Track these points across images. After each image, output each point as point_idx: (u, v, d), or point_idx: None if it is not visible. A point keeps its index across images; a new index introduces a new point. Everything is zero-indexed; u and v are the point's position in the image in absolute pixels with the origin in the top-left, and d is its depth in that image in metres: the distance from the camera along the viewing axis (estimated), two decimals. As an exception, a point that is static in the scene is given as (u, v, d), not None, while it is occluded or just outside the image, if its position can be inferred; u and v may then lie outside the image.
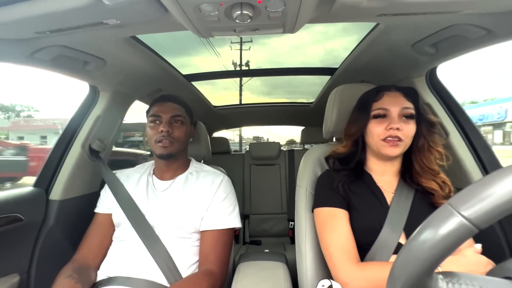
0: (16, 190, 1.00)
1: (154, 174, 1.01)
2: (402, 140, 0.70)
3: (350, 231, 0.70)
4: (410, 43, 0.84)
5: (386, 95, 0.75)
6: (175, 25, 0.68)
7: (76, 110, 1.14)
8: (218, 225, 0.90)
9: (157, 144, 0.92)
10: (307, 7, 0.57)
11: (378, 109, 0.74)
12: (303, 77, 1.86)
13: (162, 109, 0.95)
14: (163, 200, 0.92)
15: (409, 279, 0.29)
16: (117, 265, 0.84)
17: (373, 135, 0.74)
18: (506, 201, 0.26)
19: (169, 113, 0.94)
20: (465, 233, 0.27)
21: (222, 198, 0.94)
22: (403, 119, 0.72)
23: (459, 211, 0.27)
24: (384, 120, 0.73)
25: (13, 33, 0.67)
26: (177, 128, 0.95)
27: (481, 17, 0.65)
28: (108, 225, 0.95)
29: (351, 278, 0.63)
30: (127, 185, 0.97)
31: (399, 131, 0.70)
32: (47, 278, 0.84)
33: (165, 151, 0.92)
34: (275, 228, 2.19)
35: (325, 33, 2.94)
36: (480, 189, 0.27)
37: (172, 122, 0.94)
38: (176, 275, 0.82)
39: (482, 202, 0.26)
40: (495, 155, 0.92)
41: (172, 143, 0.93)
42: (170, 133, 0.92)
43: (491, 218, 0.26)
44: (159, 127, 0.92)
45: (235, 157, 2.46)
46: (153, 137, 0.92)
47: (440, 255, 0.28)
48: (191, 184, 0.95)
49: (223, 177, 0.99)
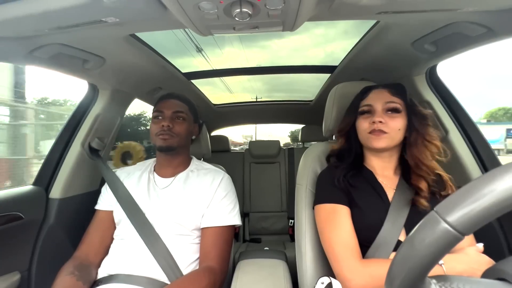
0: (16, 188, 1.00)
1: (155, 171, 1.02)
2: (386, 133, 0.73)
3: (352, 227, 0.70)
4: (410, 41, 0.84)
5: (372, 93, 0.79)
6: (174, 23, 0.68)
7: (75, 109, 1.14)
8: (218, 222, 0.90)
9: (157, 137, 0.94)
10: (306, 4, 0.57)
11: (364, 106, 0.78)
12: (303, 78, 1.85)
13: (165, 105, 0.98)
14: (164, 197, 0.93)
15: (403, 284, 0.30)
16: (118, 262, 0.85)
17: (360, 131, 0.78)
18: (489, 207, 0.26)
19: (172, 109, 0.97)
20: (451, 240, 0.27)
21: (223, 196, 0.95)
22: (388, 113, 0.74)
23: (445, 218, 0.27)
24: (369, 116, 0.76)
25: (11, 31, 0.67)
26: (179, 123, 0.97)
27: (481, 14, 0.65)
28: (109, 222, 0.95)
29: (354, 274, 0.64)
30: (128, 182, 0.98)
31: (382, 124, 0.73)
32: (48, 276, 0.84)
33: (164, 143, 0.94)
34: (275, 226, 2.20)
35: (326, 36, 2.99)
36: (463, 196, 0.28)
37: (174, 118, 0.97)
38: (176, 272, 0.83)
39: (466, 209, 0.27)
40: (494, 153, 0.93)
41: (172, 137, 0.95)
42: (170, 128, 0.94)
43: (475, 224, 0.27)
44: (161, 122, 0.95)
45: (235, 155, 2.46)
46: (154, 131, 0.95)
47: (429, 262, 0.29)
48: (192, 182, 0.96)
49: (224, 175, 1.01)
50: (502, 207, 0.26)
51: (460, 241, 0.27)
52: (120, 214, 0.92)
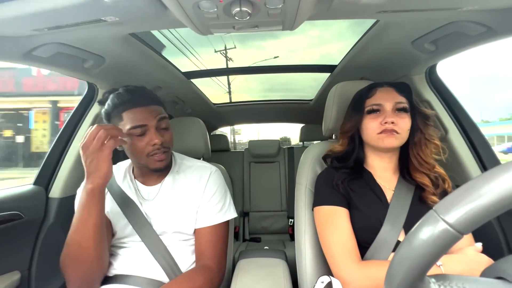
0: (16, 188, 1.00)
1: (136, 178, 0.90)
2: (398, 133, 0.71)
3: (351, 230, 0.71)
4: (410, 40, 0.84)
5: (379, 91, 0.76)
6: (174, 22, 0.68)
7: (75, 108, 1.14)
8: (211, 222, 0.86)
9: (150, 158, 0.80)
10: (306, 4, 0.57)
11: (372, 104, 0.75)
12: (299, 78, 1.85)
13: (147, 116, 0.79)
14: (155, 210, 0.85)
15: (402, 283, 0.30)
16: (116, 263, 0.84)
17: (368, 131, 0.75)
18: (488, 206, 0.26)
19: (154, 119, 0.80)
20: (450, 239, 0.27)
21: (212, 194, 0.88)
22: (397, 113, 0.72)
23: (443, 218, 0.27)
24: (378, 115, 0.73)
25: (10, 30, 0.67)
26: (167, 133, 0.84)
27: (481, 14, 0.65)
28: (105, 226, 0.84)
29: (353, 277, 0.64)
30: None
31: (394, 125, 0.70)
32: (48, 275, 0.84)
33: (163, 164, 0.82)
34: (274, 225, 2.20)
35: (320, 37, 2.98)
36: (462, 195, 0.28)
37: (159, 128, 0.81)
38: (176, 272, 0.82)
39: (464, 208, 0.27)
40: (493, 152, 0.93)
41: (167, 153, 0.83)
42: (162, 144, 0.80)
43: (473, 224, 0.27)
44: (146, 138, 0.78)
45: (234, 155, 2.46)
46: (144, 151, 0.79)
47: (429, 261, 0.29)
48: (179, 185, 0.88)
49: (211, 169, 0.92)
50: (501, 206, 0.26)
51: (459, 240, 0.27)
52: (115, 212, 0.85)
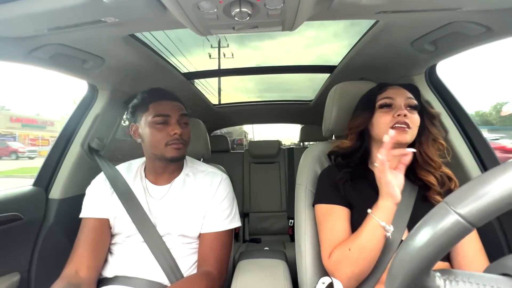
0: (15, 189, 1.00)
1: (147, 177, 0.93)
2: (410, 128, 0.70)
3: (346, 228, 0.71)
4: (410, 40, 0.84)
5: (390, 88, 0.77)
6: (173, 23, 0.68)
7: (74, 109, 1.14)
8: (217, 228, 0.87)
9: (168, 147, 0.85)
10: (306, 4, 0.57)
11: (384, 98, 0.75)
12: (295, 79, 1.85)
13: (170, 108, 0.87)
14: (162, 210, 0.86)
15: (407, 277, 0.29)
16: (117, 264, 0.83)
17: (380, 125, 0.74)
18: (500, 199, 0.26)
19: (177, 112, 0.88)
20: (461, 231, 0.27)
21: (221, 200, 0.89)
22: (408, 109, 0.73)
23: (455, 209, 0.27)
24: (390, 109, 0.74)
25: (11, 31, 0.67)
26: (186, 129, 0.90)
27: (481, 14, 0.65)
28: (101, 231, 0.86)
29: (332, 268, 0.67)
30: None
31: (406, 118, 0.70)
32: (48, 277, 0.84)
33: (179, 153, 0.86)
34: (275, 226, 2.20)
35: (317, 38, 2.98)
36: (475, 187, 0.27)
37: (180, 123, 0.88)
38: (177, 274, 0.81)
39: (477, 200, 0.26)
40: (493, 152, 0.93)
41: (184, 145, 0.88)
42: (181, 135, 0.85)
43: (486, 216, 0.26)
44: (169, 128, 0.85)
45: (234, 156, 2.46)
46: (162, 140, 0.84)
47: (437, 254, 0.28)
48: (189, 188, 0.90)
49: (221, 176, 0.94)
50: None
51: (470, 233, 0.27)
52: (119, 211, 0.86)
